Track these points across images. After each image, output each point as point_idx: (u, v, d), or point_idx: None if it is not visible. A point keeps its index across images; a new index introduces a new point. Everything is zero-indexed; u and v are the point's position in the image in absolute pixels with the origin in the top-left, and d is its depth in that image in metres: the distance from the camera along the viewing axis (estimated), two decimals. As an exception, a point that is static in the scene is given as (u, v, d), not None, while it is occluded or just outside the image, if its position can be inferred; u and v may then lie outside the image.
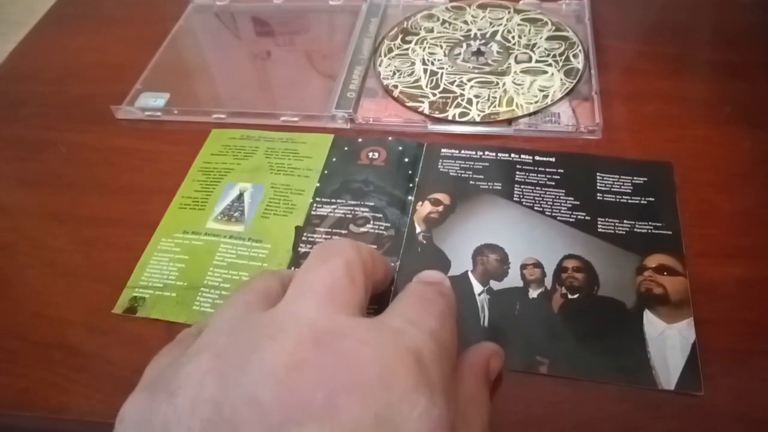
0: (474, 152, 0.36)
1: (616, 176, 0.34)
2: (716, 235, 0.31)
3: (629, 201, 0.33)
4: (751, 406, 0.25)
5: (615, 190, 0.33)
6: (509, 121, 0.38)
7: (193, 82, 0.45)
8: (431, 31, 0.45)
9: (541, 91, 0.39)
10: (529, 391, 0.26)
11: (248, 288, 0.24)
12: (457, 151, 0.36)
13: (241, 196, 0.35)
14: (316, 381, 0.18)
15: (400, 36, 0.45)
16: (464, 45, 0.44)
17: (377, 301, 0.26)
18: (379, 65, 0.43)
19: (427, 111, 0.39)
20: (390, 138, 0.38)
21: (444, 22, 0.46)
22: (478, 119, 0.38)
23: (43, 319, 0.31)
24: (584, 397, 0.26)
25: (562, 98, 0.39)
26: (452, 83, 0.41)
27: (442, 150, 0.37)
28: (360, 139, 0.38)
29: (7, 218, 0.37)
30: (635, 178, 0.34)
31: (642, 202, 0.33)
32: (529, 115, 0.38)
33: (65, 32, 0.50)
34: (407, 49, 0.44)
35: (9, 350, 0.30)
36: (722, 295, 0.29)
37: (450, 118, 0.38)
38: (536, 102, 0.39)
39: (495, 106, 0.39)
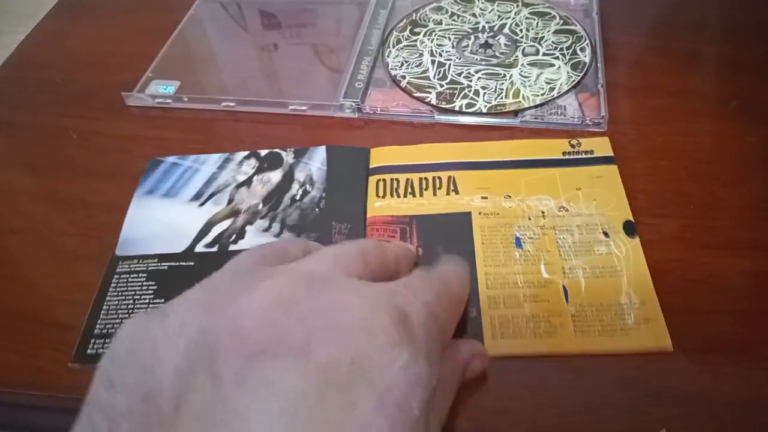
0: None
1: None
2: (721, 228, 0.32)
3: None
4: (753, 395, 0.26)
5: None
6: (515, 113, 0.38)
7: (202, 71, 0.45)
8: (440, 23, 0.46)
9: (548, 83, 0.40)
10: (533, 377, 0.27)
11: (270, 244, 0.24)
12: None
13: None
14: (299, 319, 0.18)
15: (409, 27, 0.46)
16: (472, 37, 0.44)
17: None
18: (388, 56, 0.43)
19: (434, 101, 0.39)
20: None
21: (452, 14, 0.46)
22: (484, 110, 0.38)
23: (56, 301, 0.32)
24: (587, 383, 0.26)
25: (568, 91, 0.39)
26: (460, 74, 0.41)
27: None
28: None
29: (20, 203, 0.37)
30: None
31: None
32: (536, 107, 0.38)
33: (77, 21, 0.51)
34: (415, 40, 0.44)
35: (24, 331, 0.30)
36: (726, 286, 0.29)
37: (457, 108, 0.39)
38: (543, 94, 0.39)
39: (502, 98, 0.39)
